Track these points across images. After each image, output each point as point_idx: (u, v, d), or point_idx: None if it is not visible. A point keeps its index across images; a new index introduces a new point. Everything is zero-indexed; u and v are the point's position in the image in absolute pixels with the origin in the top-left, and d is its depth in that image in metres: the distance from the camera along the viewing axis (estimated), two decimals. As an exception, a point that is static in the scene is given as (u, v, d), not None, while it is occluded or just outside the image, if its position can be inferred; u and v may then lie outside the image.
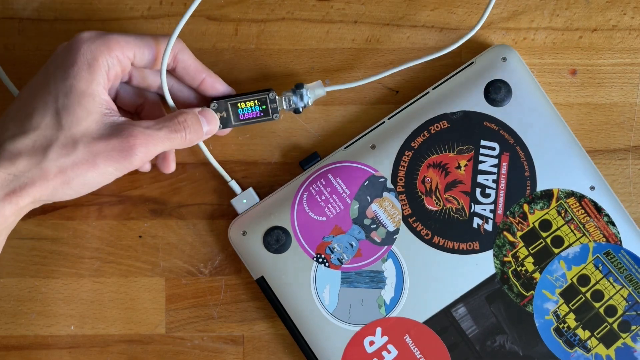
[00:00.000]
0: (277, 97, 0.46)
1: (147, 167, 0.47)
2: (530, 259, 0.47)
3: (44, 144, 0.39)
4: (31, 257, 0.49)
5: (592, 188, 0.47)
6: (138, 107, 0.46)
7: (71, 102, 0.39)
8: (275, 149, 0.49)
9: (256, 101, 0.46)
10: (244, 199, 0.48)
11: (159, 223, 0.49)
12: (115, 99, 0.46)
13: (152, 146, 0.40)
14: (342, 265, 0.47)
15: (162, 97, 0.47)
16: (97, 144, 0.39)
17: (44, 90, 0.40)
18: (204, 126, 0.44)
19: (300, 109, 0.46)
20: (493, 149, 0.47)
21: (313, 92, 0.47)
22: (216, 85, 0.46)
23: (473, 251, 0.47)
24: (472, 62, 0.48)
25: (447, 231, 0.47)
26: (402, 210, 0.47)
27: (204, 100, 0.47)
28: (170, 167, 0.47)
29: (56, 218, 0.49)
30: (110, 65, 0.41)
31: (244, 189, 0.48)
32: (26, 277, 0.49)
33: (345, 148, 0.48)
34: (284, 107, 0.46)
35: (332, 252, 0.47)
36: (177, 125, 0.42)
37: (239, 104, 0.46)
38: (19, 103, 0.41)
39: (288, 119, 0.49)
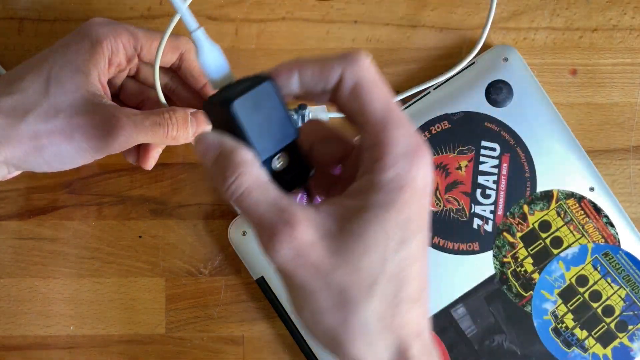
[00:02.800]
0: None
1: (131, 159, 0.46)
2: (530, 260, 0.47)
3: (25, 107, 0.39)
4: (31, 257, 0.48)
5: (592, 189, 0.47)
6: (139, 103, 0.46)
7: (64, 74, 0.39)
8: (275, 149, 0.49)
9: None
10: (244, 199, 0.47)
11: (159, 223, 0.49)
12: (118, 93, 0.45)
13: (134, 133, 0.40)
14: (342, 266, 0.47)
15: (166, 97, 0.47)
16: (79, 118, 0.39)
17: (42, 60, 0.40)
18: (192, 127, 0.43)
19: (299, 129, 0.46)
20: (494, 149, 0.47)
21: (316, 116, 0.47)
22: None
23: (473, 252, 0.47)
24: (473, 62, 0.48)
25: (447, 232, 0.47)
26: (402, 211, 0.47)
27: None
28: (149, 163, 0.45)
29: (56, 218, 0.48)
30: (114, 50, 0.41)
31: (244, 189, 0.48)
32: (26, 277, 0.49)
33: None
34: None
35: (332, 252, 0.47)
36: (162, 120, 0.41)
37: None
38: (18, 68, 0.41)
39: (288, 118, 0.49)
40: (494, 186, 0.47)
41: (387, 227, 0.28)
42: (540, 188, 0.47)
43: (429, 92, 0.48)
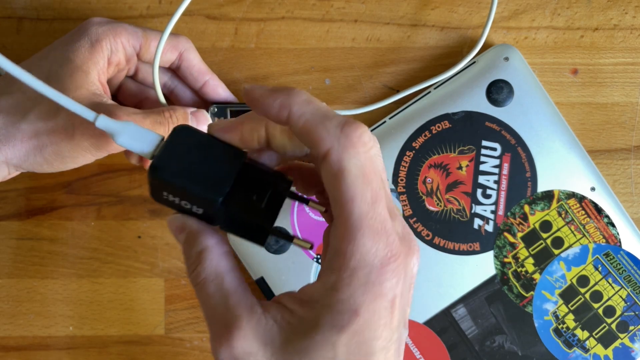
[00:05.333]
0: None
1: (133, 160, 0.45)
2: (531, 260, 0.47)
3: (26, 106, 0.39)
4: (30, 258, 0.48)
5: (593, 189, 0.47)
6: (138, 103, 0.46)
7: (64, 73, 0.39)
8: (275, 148, 0.49)
9: None
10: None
11: (158, 223, 0.48)
12: (117, 93, 0.45)
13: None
14: (342, 266, 0.46)
15: (165, 97, 0.46)
16: (79, 116, 0.39)
17: (42, 59, 0.41)
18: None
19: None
20: (494, 149, 0.47)
21: None
22: (218, 90, 0.45)
23: (473, 252, 0.47)
24: (474, 62, 0.47)
25: (448, 232, 0.47)
26: (403, 210, 0.47)
27: (205, 104, 0.46)
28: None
29: (55, 218, 0.48)
30: (114, 49, 0.41)
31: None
32: (25, 277, 0.48)
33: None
34: None
35: (332, 253, 0.46)
36: (163, 119, 0.41)
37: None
38: (20, 66, 0.41)
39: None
40: (495, 186, 0.47)
41: (338, 351, 0.26)
42: (541, 188, 0.47)
43: (430, 92, 0.47)
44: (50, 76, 0.39)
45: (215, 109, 0.45)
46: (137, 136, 0.30)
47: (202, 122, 0.43)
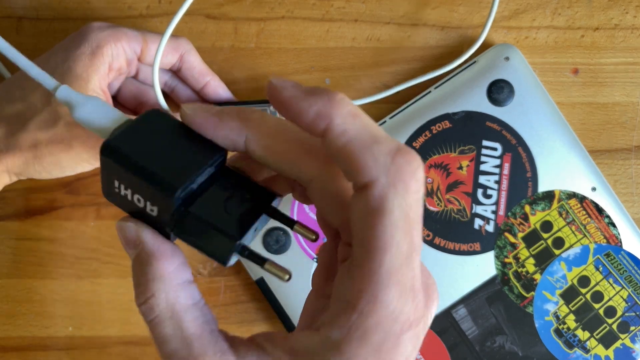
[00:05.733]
0: (277, 113, 0.45)
1: None
2: (531, 260, 0.47)
3: (26, 115, 0.39)
4: (29, 258, 0.48)
5: (594, 189, 0.47)
6: (138, 105, 0.46)
7: (65, 82, 0.39)
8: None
9: None
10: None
11: (158, 223, 0.48)
12: (117, 94, 0.45)
13: None
14: (343, 267, 0.46)
15: (166, 96, 0.46)
16: (78, 127, 0.38)
17: (42, 66, 0.40)
18: None
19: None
20: (495, 149, 0.47)
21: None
22: (219, 91, 0.45)
23: (474, 252, 0.46)
24: (474, 61, 0.47)
25: (448, 232, 0.46)
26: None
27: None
28: None
29: (54, 219, 0.48)
30: (115, 55, 0.41)
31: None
32: (24, 278, 0.48)
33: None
34: None
35: (333, 253, 0.46)
36: None
37: None
38: (18, 75, 0.41)
39: (288, 118, 0.49)
40: (496, 186, 0.46)
41: None
42: (541, 188, 0.47)
43: (430, 91, 0.47)
44: None
45: None
46: (99, 112, 0.26)
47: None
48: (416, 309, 0.22)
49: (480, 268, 0.46)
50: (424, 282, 0.23)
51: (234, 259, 0.24)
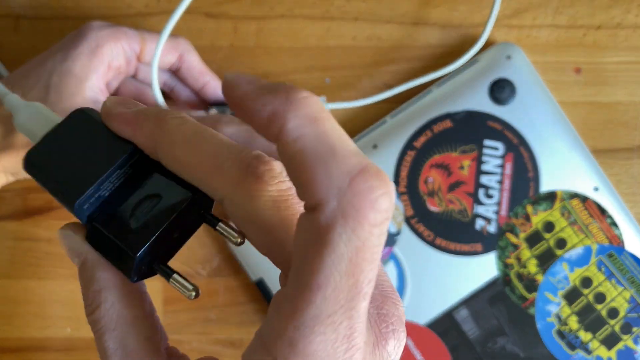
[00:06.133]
0: None
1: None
2: (533, 261, 0.46)
3: None
4: (27, 259, 0.48)
5: (596, 189, 0.46)
6: None
7: (62, 82, 0.39)
8: (274, 148, 0.48)
9: None
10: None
11: (157, 224, 0.48)
12: (115, 94, 0.45)
13: None
14: (343, 267, 0.46)
15: (165, 95, 0.46)
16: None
17: (41, 67, 0.40)
18: None
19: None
20: (496, 149, 0.46)
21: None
22: (218, 91, 0.45)
23: (475, 253, 0.46)
24: (476, 60, 0.47)
25: (450, 233, 0.46)
26: (404, 211, 0.46)
27: (205, 104, 0.46)
28: None
29: (52, 219, 0.48)
30: (115, 55, 0.40)
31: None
32: (22, 278, 0.48)
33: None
34: None
35: (333, 253, 0.46)
36: None
37: None
38: (16, 73, 0.41)
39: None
40: (497, 186, 0.46)
41: None
42: (544, 188, 0.46)
43: (431, 91, 0.47)
44: (50, 85, 0.39)
45: (214, 110, 0.45)
46: (37, 118, 0.25)
47: None
48: (352, 357, 0.19)
49: (481, 269, 0.46)
50: (376, 318, 0.20)
51: (139, 275, 0.22)
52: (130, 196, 0.22)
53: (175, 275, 0.22)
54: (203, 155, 0.20)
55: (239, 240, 0.23)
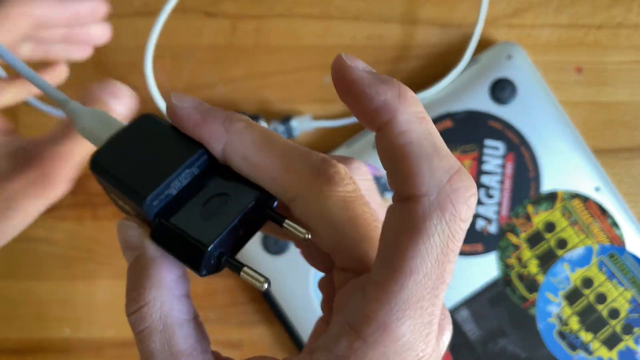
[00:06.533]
0: (267, 125, 0.45)
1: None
2: (534, 261, 0.46)
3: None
4: (25, 259, 0.48)
5: (597, 189, 0.46)
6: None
7: None
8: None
9: None
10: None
11: (156, 224, 0.48)
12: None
13: (69, 162, 0.33)
14: (343, 268, 0.46)
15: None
16: (12, 184, 0.33)
17: None
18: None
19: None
20: (497, 149, 0.46)
21: (300, 126, 0.47)
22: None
23: (476, 253, 0.46)
24: (477, 60, 0.47)
25: (450, 233, 0.46)
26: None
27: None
28: None
29: (50, 219, 0.48)
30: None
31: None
32: (20, 279, 0.48)
33: (346, 148, 0.47)
34: None
35: (332, 254, 0.46)
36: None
37: None
38: None
39: (287, 117, 0.48)
40: (498, 186, 0.46)
41: None
42: (544, 188, 0.46)
43: (431, 90, 0.47)
44: None
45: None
46: (101, 122, 0.26)
47: (118, 96, 0.33)
48: (427, 345, 0.20)
49: (482, 269, 0.46)
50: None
51: (208, 270, 0.22)
52: (196, 195, 0.23)
53: (245, 268, 0.22)
54: (275, 157, 0.21)
55: (307, 235, 0.23)
